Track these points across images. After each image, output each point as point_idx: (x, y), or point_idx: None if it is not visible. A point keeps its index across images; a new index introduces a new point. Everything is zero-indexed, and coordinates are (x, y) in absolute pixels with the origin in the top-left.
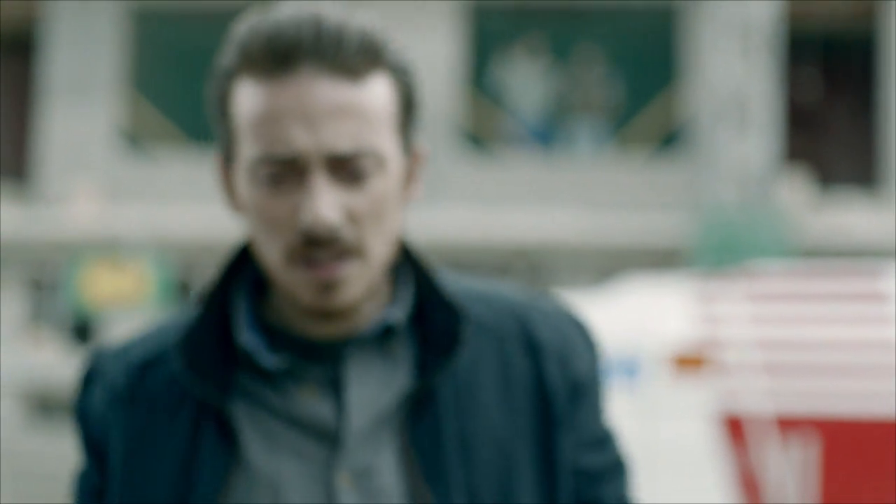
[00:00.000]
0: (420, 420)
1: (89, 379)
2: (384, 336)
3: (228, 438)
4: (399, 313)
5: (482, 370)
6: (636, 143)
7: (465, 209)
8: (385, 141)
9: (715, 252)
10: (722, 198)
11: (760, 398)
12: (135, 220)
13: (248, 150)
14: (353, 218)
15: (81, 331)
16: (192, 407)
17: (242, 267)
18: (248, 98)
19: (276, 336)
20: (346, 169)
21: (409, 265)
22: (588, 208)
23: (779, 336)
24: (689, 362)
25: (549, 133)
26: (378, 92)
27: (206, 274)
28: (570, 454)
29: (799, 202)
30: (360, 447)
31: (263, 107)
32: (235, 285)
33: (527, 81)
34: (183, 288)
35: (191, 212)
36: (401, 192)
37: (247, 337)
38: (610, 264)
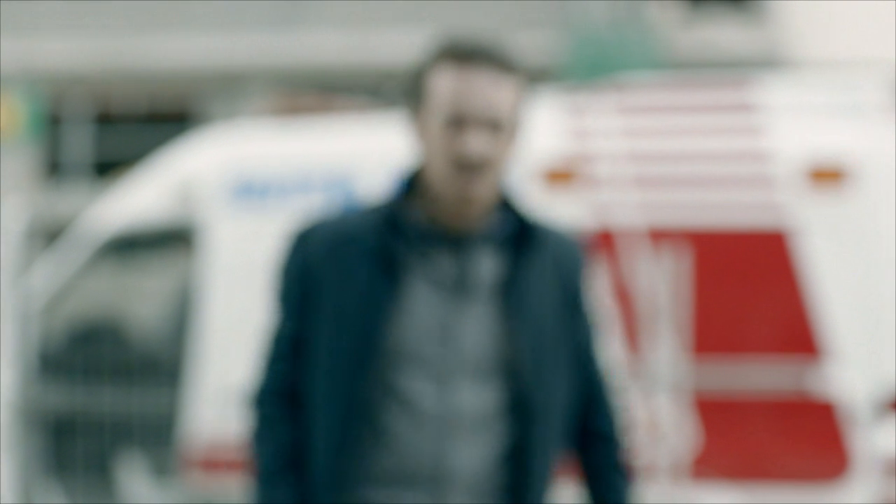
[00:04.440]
0: (513, 291)
1: (303, 240)
2: (489, 240)
3: (397, 281)
4: (499, 229)
5: (538, 270)
6: None
7: (335, 32)
8: (512, 117)
9: (585, 69)
10: (592, 15)
11: (632, 211)
12: (5, 53)
13: (441, 107)
14: (488, 153)
15: None
16: (376, 264)
17: (411, 185)
18: (445, 77)
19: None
20: (491, 126)
21: (508, 202)
22: (457, 28)
23: (649, 148)
24: (560, 176)
25: None
26: (513, 89)
27: (76, 106)
28: (583, 327)
29: (669, 18)
30: (474, 298)
31: (455, 84)
32: (406, 195)
33: None
34: (53, 120)
35: (61, 43)
36: (509, 150)
37: (414, 217)
38: None
